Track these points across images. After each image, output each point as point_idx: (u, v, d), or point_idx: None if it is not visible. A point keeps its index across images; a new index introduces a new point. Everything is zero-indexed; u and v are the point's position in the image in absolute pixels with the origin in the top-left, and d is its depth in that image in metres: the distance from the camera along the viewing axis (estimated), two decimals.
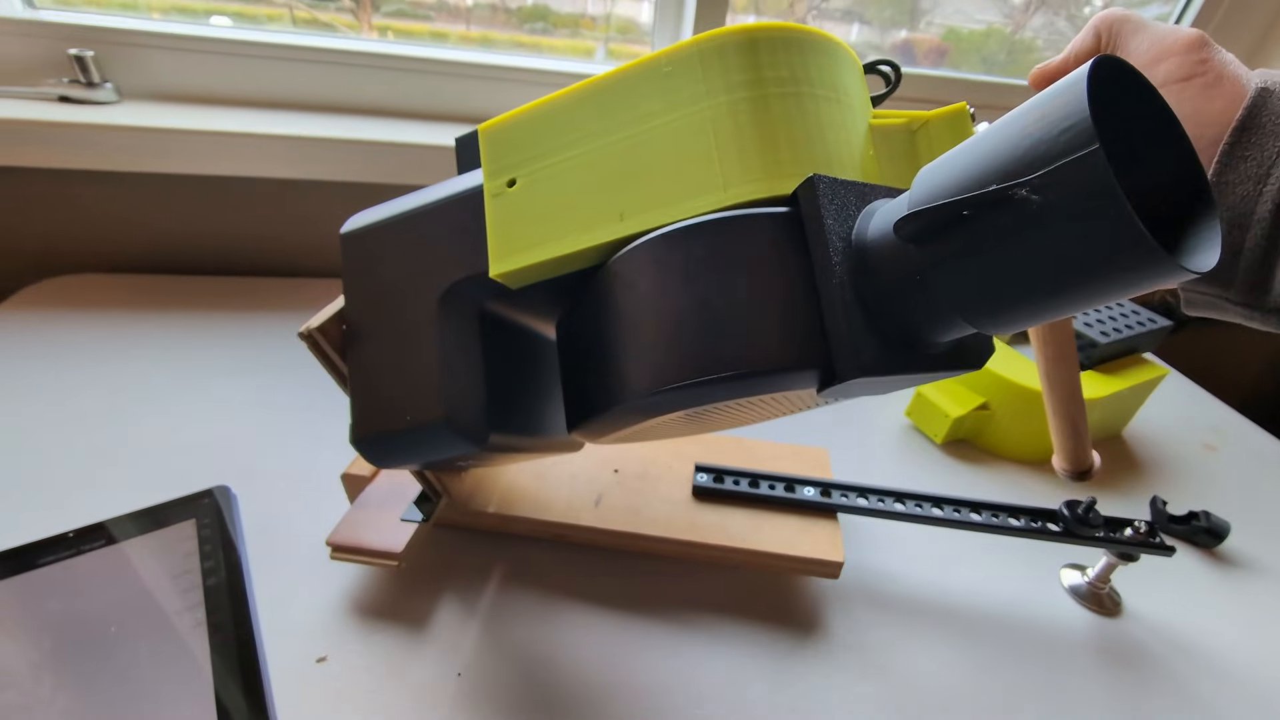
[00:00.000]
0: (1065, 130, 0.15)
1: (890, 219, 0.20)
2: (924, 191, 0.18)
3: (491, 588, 0.38)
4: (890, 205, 0.21)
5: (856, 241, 0.21)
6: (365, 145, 0.58)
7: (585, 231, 0.25)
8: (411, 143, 0.59)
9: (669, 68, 0.24)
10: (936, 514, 0.40)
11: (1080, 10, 0.82)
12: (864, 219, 0.21)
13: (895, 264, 0.20)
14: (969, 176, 0.17)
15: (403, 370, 0.28)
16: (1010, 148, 0.16)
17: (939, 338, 0.21)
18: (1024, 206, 0.15)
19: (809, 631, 0.37)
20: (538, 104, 0.27)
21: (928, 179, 0.19)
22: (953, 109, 0.26)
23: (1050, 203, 0.15)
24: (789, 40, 0.24)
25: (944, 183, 0.18)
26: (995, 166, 0.16)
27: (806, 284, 0.21)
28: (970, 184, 0.17)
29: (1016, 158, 0.16)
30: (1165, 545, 0.38)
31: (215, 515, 0.38)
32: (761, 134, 0.23)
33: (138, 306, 0.59)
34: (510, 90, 0.67)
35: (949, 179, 0.18)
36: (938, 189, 0.18)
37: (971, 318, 0.19)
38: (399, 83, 0.64)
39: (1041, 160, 0.15)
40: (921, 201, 0.18)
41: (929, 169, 0.19)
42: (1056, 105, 0.15)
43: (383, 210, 0.31)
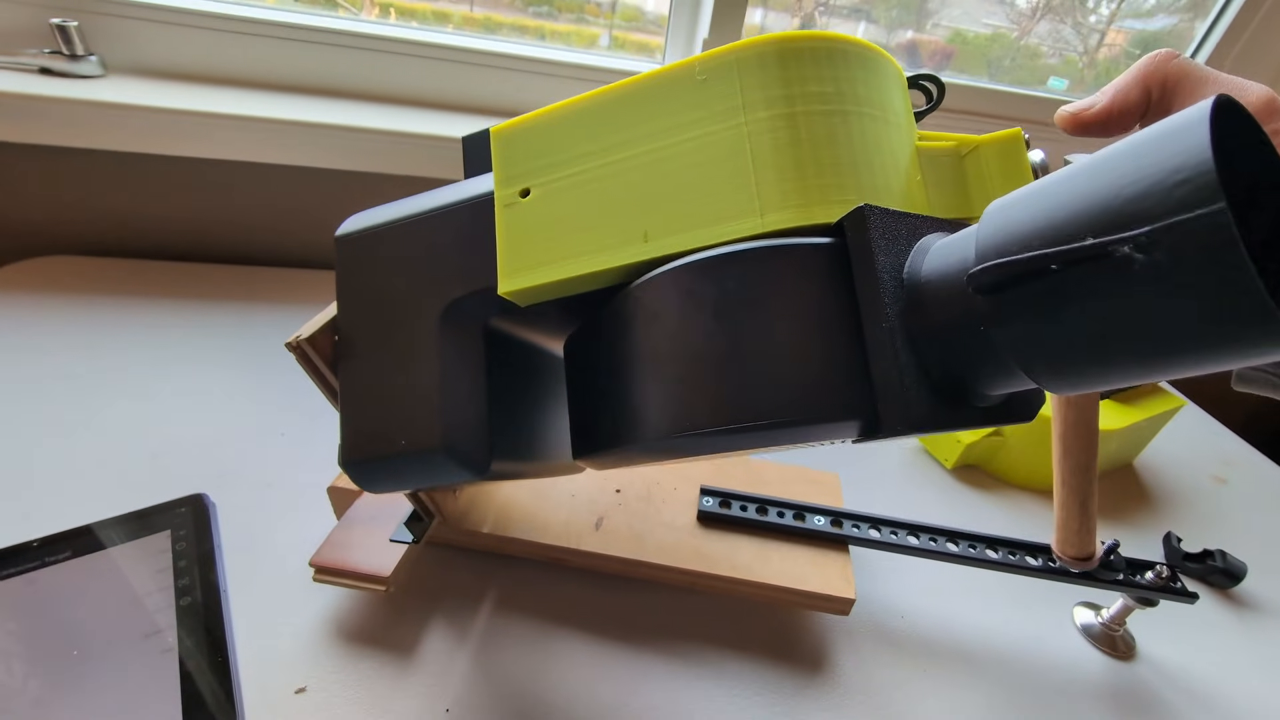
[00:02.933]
0: (1181, 182, 0.13)
1: (951, 260, 0.18)
2: (996, 233, 0.16)
3: (484, 613, 0.36)
4: (949, 243, 0.19)
5: (909, 281, 0.19)
6: (364, 133, 0.55)
7: (605, 251, 0.23)
8: (413, 132, 0.56)
9: (703, 76, 0.22)
10: (951, 549, 0.38)
11: (1085, 18, 0.81)
12: (917, 255, 0.20)
13: (956, 311, 0.18)
14: (1054, 223, 0.15)
15: (399, 390, 0.26)
16: (1107, 194, 0.14)
17: (993, 390, 0.19)
18: (1124, 265, 0.13)
19: (816, 670, 0.36)
20: (557, 107, 0.24)
21: (1000, 220, 0.17)
22: (1007, 134, 0.24)
23: (1156, 263, 0.13)
24: (835, 52, 0.22)
25: (1022, 226, 0.16)
26: (1088, 214, 0.14)
27: (850, 324, 0.19)
28: (1056, 231, 0.15)
29: (1115, 208, 0.14)
30: (1188, 592, 0.37)
31: (192, 527, 0.36)
32: (803, 155, 0.21)
33: (117, 292, 0.56)
34: (518, 81, 0.64)
35: (1028, 223, 0.16)
36: (1015, 234, 0.16)
37: (1039, 376, 0.17)
38: (402, 68, 0.62)
39: (1149, 214, 0.13)
40: (994, 244, 0.16)
41: (1001, 207, 0.17)
42: (1168, 151, 0.13)
43: (383, 213, 0.28)
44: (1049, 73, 0.82)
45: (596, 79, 0.66)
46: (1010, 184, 0.24)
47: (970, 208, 0.24)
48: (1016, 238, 0.16)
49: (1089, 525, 0.35)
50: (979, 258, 0.17)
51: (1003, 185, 0.24)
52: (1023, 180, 0.24)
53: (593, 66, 0.65)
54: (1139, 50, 0.81)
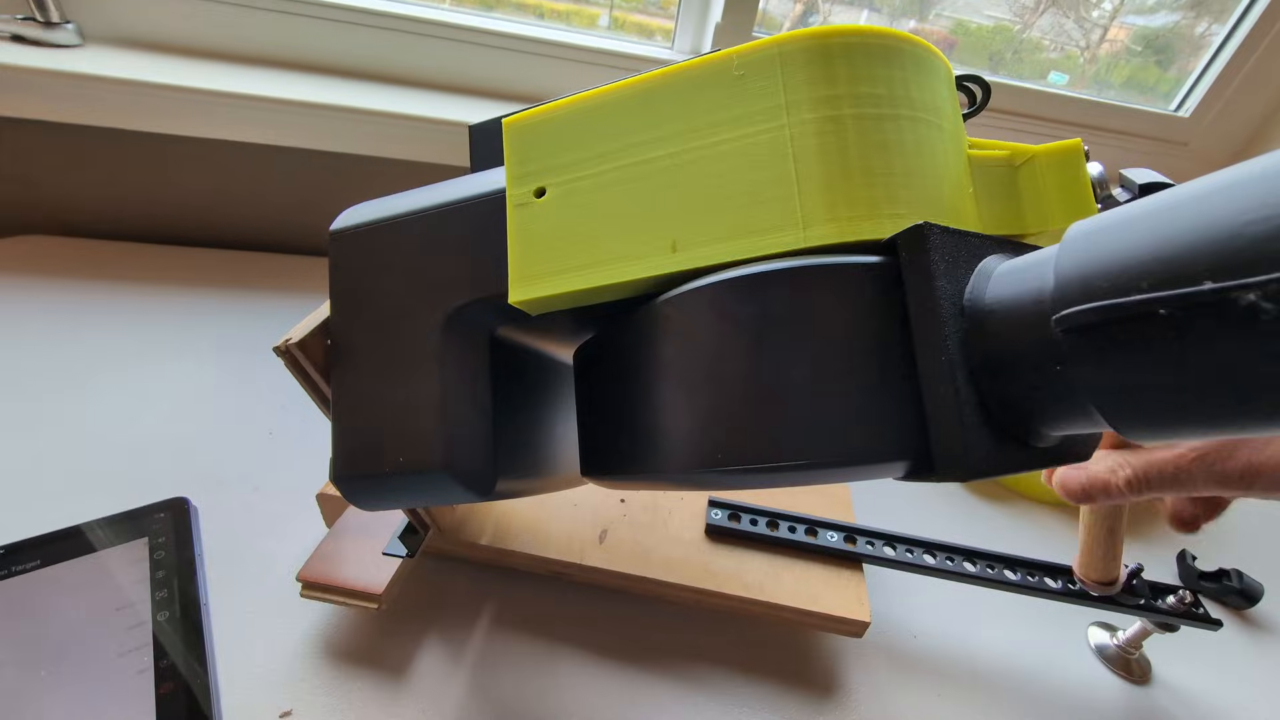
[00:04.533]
0: None
1: (1024, 288, 0.16)
2: (1084, 263, 0.15)
3: (480, 631, 0.34)
4: (1018, 268, 0.17)
5: (969, 307, 0.17)
6: (360, 114, 0.53)
7: (628, 261, 0.21)
8: (412, 115, 0.54)
9: (741, 70, 0.20)
10: (969, 569, 0.37)
11: (1088, 13, 0.79)
12: (979, 280, 0.18)
13: (1028, 346, 0.16)
14: (1160, 257, 0.13)
15: (397, 402, 0.24)
16: (1228, 230, 0.12)
17: (1057, 431, 0.17)
18: (1248, 315, 0.12)
19: (827, 693, 0.34)
20: (577, 99, 0.22)
21: (1088, 247, 0.15)
22: (1066, 145, 0.22)
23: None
24: (889, 50, 0.20)
25: (1116, 258, 0.14)
26: (1202, 252, 0.12)
27: (901, 354, 0.17)
28: (1162, 269, 0.13)
29: (1237, 248, 0.12)
30: (1211, 618, 0.36)
31: (173, 534, 0.34)
32: (852, 163, 0.19)
33: (96, 276, 0.53)
34: (522, 63, 0.62)
35: (1125, 255, 0.14)
36: (1107, 266, 0.14)
37: (1123, 426, 0.15)
38: (399, 45, 0.59)
39: None
40: (1079, 275, 0.15)
41: (1088, 232, 0.15)
42: None
43: (382, 207, 0.26)
44: (1050, 67, 0.81)
45: (605, 64, 0.63)
46: (1068, 199, 0.22)
47: (1023, 223, 0.22)
48: (1108, 271, 0.14)
49: (1115, 551, 0.34)
50: (1059, 288, 0.15)
51: (1060, 200, 0.22)
52: (1081, 195, 0.22)
53: (602, 50, 0.63)
54: (1140, 47, 0.80)
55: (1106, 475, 0.27)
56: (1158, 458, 0.26)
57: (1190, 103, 0.76)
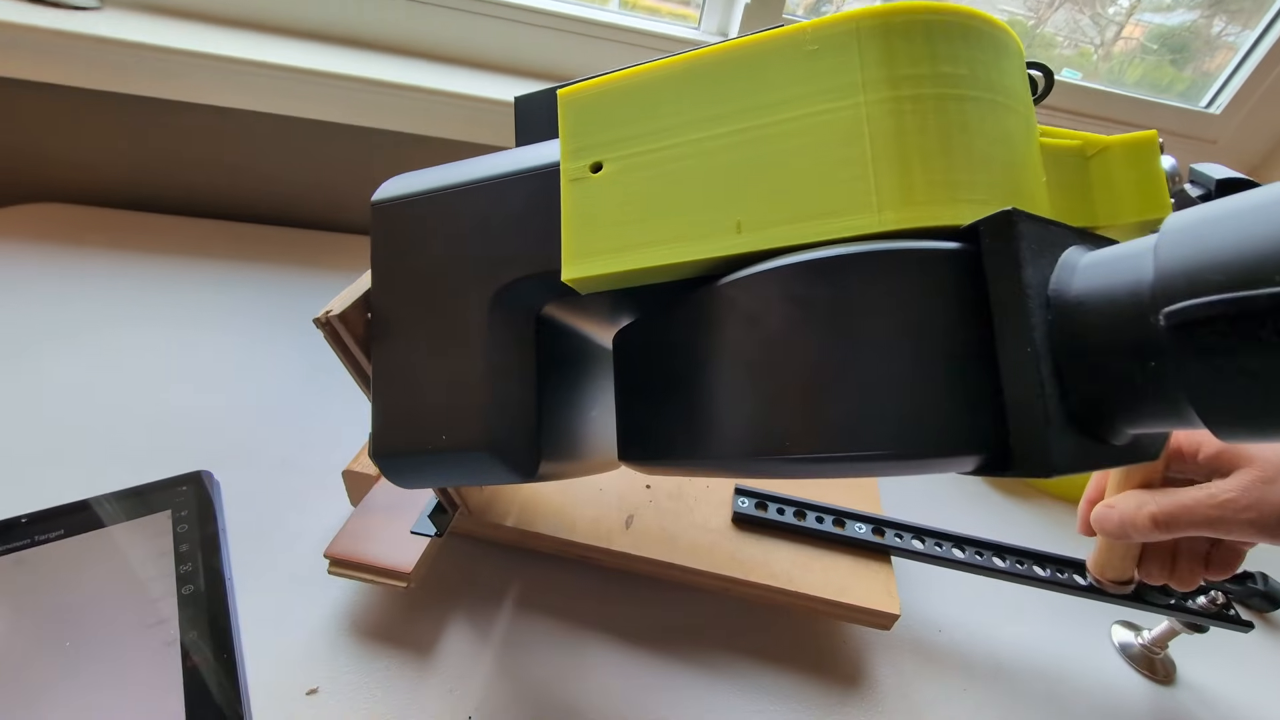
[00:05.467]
0: None
1: (1118, 280, 0.16)
2: (1189, 256, 0.14)
3: (506, 611, 0.34)
4: (1110, 259, 0.16)
5: (1055, 299, 0.17)
6: (395, 89, 0.52)
7: (690, 241, 0.20)
8: (448, 90, 0.53)
9: (814, 45, 0.19)
10: (998, 564, 0.37)
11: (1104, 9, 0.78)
12: (1063, 271, 0.17)
13: (1122, 341, 0.15)
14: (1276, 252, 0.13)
15: (441, 379, 0.24)
16: None
17: (1138, 428, 0.17)
18: None
19: (852, 684, 0.34)
20: (637, 71, 0.21)
21: (1193, 240, 0.14)
22: (1140, 136, 0.21)
23: None
24: (969, 29, 0.19)
25: (1227, 252, 0.13)
26: None
27: (981, 345, 0.17)
28: None
29: None
30: (1243, 620, 0.36)
31: (195, 508, 0.33)
32: (930, 145, 0.18)
33: (118, 246, 0.52)
34: (552, 41, 0.60)
35: (1239, 249, 0.13)
36: (1216, 259, 0.13)
37: (1220, 426, 0.14)
38: (431, 19, 0.57)
39: None
40: (1184, 269, 0.14)
41: (1191, 225, 0.15)
42: None
43: (426, 178, 0.25)
44: (1063, 64, 0.80)
45: (631, 42, 0.62)
46: (1142, 193, 0.21)
47: (1093, 215, 0.22)
48: (1218, 264, 0.13)
49: (1133, 552, 0.34)
50: (1162, 281, 0.14)
51: (1134, 194, 0.21)
52: (1157, 189, 0.21)
53: (629, 28, 0.61)
54: (1155, 45, 0.79)
55: (1134, 513, 0.28)
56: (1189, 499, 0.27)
57: (1222, 99, 0.75)
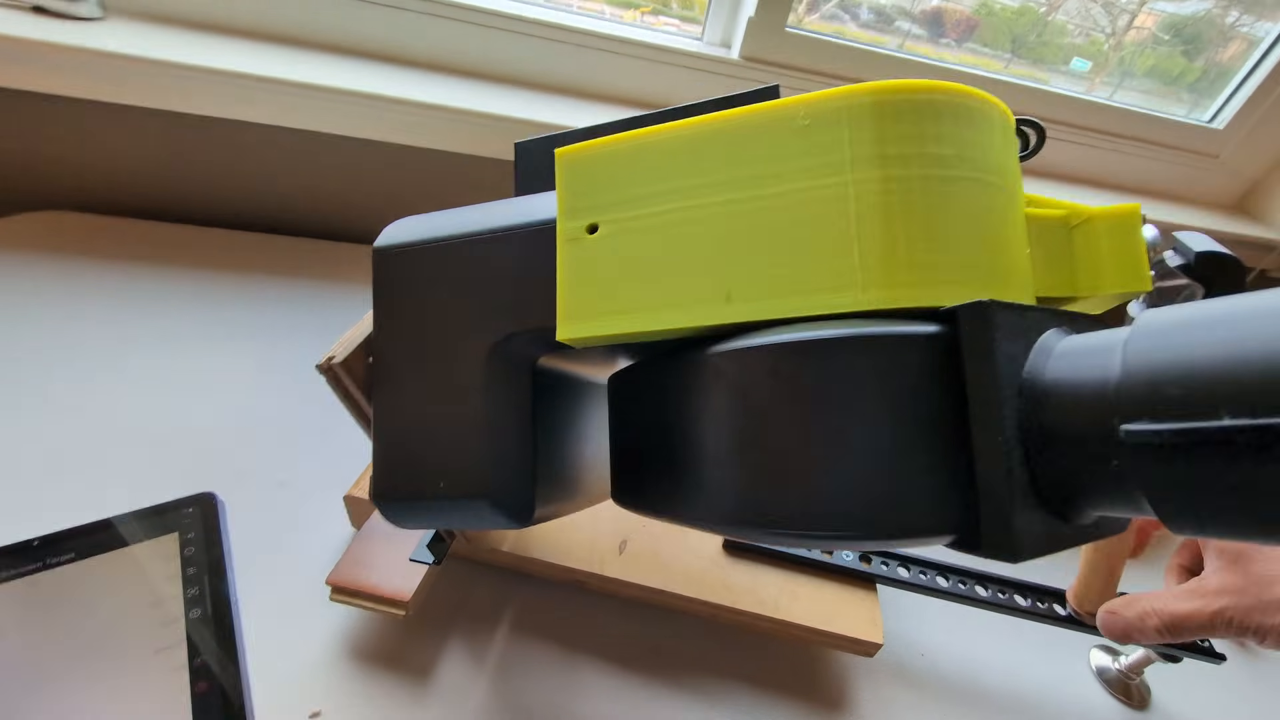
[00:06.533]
0: None
1: (1086, 372, 0.16)
2: (1155, 362, 0.15)
3: (502, 635, 0.35)
4: (1081, 348, 0.17)
5: (1027, 384, 0.17)
6: (399, 104, 0.52)
7: (681, 308, 0.21)
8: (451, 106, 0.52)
9: (806, 120, 0.20)
10: (980, 594, 0.38)
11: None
12: (1039, 356, 0.18)
13: (1088, 437, 0.16)
14: (1236, 379, 0.13)
15: (440, 427, 0.24)
16: None
17: (1102, 512, 0.18)
18: None
19: (835, 710, 0.35)
20: (634, 136, 0.22)
21: (1160, 345, 0.15)
22: (1124, 210, 0.22)
23: None
24: (958, 108, 0.20)
25: (1190, 368, 0.14)
26: None
27: (956, 427, 0.17)
28: (1238, 392, 0.13)
29: None
30: (1215, 653, 0.37)
31: (202, 530, 0.34)
32: (915, 226, 0.19)
33: (123, 256, 0.53)
34: (553, 52, 0.60)
35: (1198, 365, 0.14)
36: (1177, 371, 0.14)
37: (1173, 525, 0.15)
38: (426, 30, 0.57)
39: None
40: (1147, 374, 0.15)
41: (1162, 328, 0.15)
42: None
43: (427, 225, 0.26)
44: (1073, 53, 0.79)
45: (634, 54, 0.62)
46: (1122, 265, 0.22)
47: (1075, 285, 0.22)
48: (1181, 379, 0.14)
49: (1112, 588, 0.35)
50: (1126, 384, 0.15)
51: (1114, 266, 0.22)
52: (1136, 263, 0.22)
53: (632, 40, 0.61)
54: (1168, 35, 0.78)
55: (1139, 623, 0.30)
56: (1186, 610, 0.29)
57: (1225, 115, 0.75)
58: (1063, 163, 0.74)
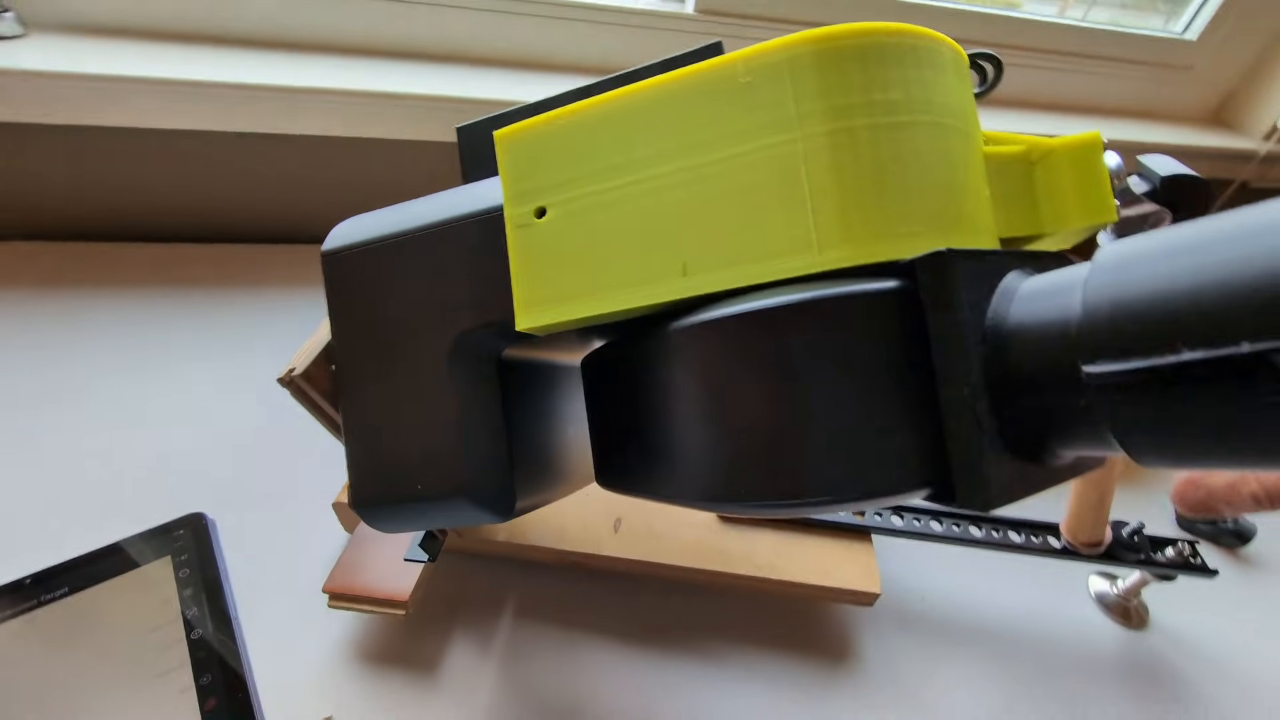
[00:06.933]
0: None
1: (1047, 312, 0.16)
2: (1114, 298, 0.14)
3: (505, 623, 0.35)
4: (1041, 289, 0.17)
5: (991, 330, 0.17)
6: (335, 95, 0.50)
7: (638, 286, 0.20)
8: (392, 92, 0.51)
9: (748, 77, 0.19)
10: (974, 534, 0.38)
11: None
12: (1000, 300, 0.17)
13: (1052, 376, 0.16)
14: (1196, 305, 0.13)
15: (410, 428, 0.24)
16: (1267, 285, 0.12)
17: (1075, 452, 0.17)
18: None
19: (841, 660, 0.36)
20: (573, 110, 0.21)
21: (1118, 281, 0.14)
22: (1083, 140, 0.21)
23: None
24: (903, 49, 0.19)
25: (1146, 298, 0.14)
26: (1238, 308, 0.12)
27: (922, 380, 0.17)
28: (1198, 318, 0.13)
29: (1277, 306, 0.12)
30: (1208, 568, 0.37)
31: (195, 551, 0.34)
32: (866, 179, 0.18)
33: (80, 282, 0.52)
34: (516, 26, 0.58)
35: (1158, 297, 0.13)
36: (1136, 305, 0.14)
37: (1142, 458, 0.15)
38: (376, 12, 0.55)
39: None
40: (1108, 311, 0.14)
41: (1119, 263, 0.15)
42: None
43: (374, 224, 0.25)
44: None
45: (597, 20, 0.59)
46: (1086, 198, 0.21)
47: (1039, 223, 0.22)
48: (1140, 314, 0.14)
49: (1103, 517, 0.35)
50: (1087, 324, 0.15)
51: (1077, 199, 0.21)
52: (1100, 195, 0.21)
53: (578, 3, 0.59)
54: None
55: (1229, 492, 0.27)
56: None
57: (1197, 25, 0.73)
58: (1037, 88, 0.72)
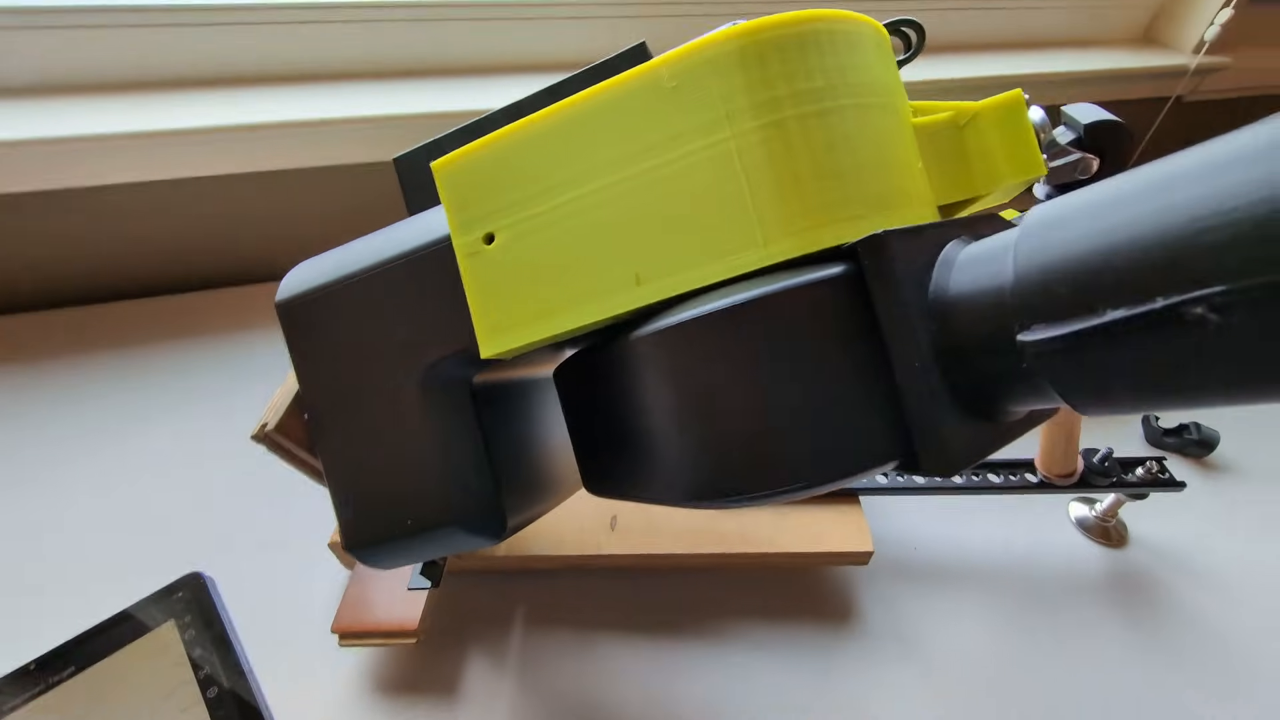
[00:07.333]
0: (1267, 239, 0.11)
1: (984, 279, 0.17)
2: (1042, 261, 0.15)
3: (517, 634, 0.36)
4: (978, 256, 0.17)
5: (934, 300, 0.18)
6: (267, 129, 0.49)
7: (594, 300, 0.20)
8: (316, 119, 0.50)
9: (673, 81, 0.19)
10: (957, 481, 0.39)
11: None
12: (941, 270, 0.18)
13: (992, 339, 0.16)
14: (1114, 264, 0.13)
15: (391, 466, 0.24)
16: (1180, 237, 0.13)
17: (1024, 407, 0.18)
18: (1196, 327, 0.12)
19: (844, 620, 0.37)
20: (507, 133, 0.21)
21: (1045, 244, 0.15)
22: (1006, 99, 0.22)
23: (1234, 325, 0.12)
24: (820, 35, 0.19)
25: (1072, 258, 0.14)
26: (1156, 259, 0.13)
27: (878, 357, 0.18)
28: (1116, 276, 0.13)
29: (1189, 259, 0.12)
30: (1176, 481, 0.39)
31: (197, 611, 0.34)
32: (801, 169, 0.18)
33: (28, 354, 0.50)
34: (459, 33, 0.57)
35: (1081, 257, 0.14)
36: (1063, 266, 0.14)
37: (1081, 406, 0.16)
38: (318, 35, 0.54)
39: (1228, 269, 0.12)
40: (1037, 274, 0.15)
41: (1045, 225, 0.15)
42: (1248, 192, 0.12)
43: (326, 266, 0.25)
44: None
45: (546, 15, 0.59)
46: (1014, 155, 0.22)
47: (973, 185, 0.22)
48: (1065, 272, 0.14)
49: (1072, 449, 0.37)
50: (1019, 289, 0.15)
51: (1006, 158, 0.22)
52: (1027, 148, 0.22)
53: None
54: None
55: None
56: None
57: None
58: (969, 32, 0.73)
